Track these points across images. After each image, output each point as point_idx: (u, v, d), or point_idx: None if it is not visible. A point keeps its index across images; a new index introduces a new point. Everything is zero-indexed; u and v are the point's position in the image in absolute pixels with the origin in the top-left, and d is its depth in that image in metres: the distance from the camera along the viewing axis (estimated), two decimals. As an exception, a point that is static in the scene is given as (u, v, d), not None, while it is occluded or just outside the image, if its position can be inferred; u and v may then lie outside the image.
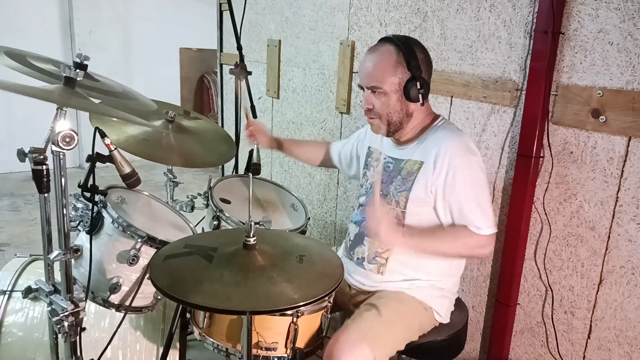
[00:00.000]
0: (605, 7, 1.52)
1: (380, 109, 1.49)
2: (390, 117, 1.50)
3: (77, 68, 1.20)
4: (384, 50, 1.47)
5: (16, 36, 4.79)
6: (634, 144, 1.51)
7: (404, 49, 1.45)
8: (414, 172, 1.50)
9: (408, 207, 1.50)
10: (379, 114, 1.50)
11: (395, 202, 1.52)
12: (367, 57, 1.51)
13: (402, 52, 1.45)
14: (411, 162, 1.52)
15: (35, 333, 1.62)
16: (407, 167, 1.52)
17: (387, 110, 1.49)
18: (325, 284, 1.15)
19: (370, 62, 1.49)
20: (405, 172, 1.52)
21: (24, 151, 1.16)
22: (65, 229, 1.23)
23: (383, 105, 1.49)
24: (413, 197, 1.49)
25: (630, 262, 1.56)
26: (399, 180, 1.52)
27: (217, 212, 1.68)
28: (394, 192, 1.53)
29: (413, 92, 1.45)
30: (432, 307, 1.54)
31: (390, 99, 1.47)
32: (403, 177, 1.52)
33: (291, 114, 2.97)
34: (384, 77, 1.45)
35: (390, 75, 1.45)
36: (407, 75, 1.45)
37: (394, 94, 1.47)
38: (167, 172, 2.16)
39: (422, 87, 1.46)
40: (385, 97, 1.47)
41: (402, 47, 1.45)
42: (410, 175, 1.50)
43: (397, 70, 1.45)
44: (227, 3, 2.40)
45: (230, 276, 1.13)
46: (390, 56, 1.45)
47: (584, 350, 1.71)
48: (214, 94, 5.99)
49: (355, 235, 1.63)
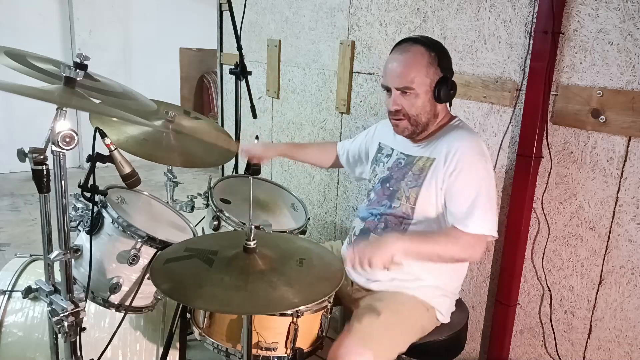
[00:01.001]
0: (605, 7, 1.52)
1: (410, 110, 1.49)
2: (420, 118, 1.50)
3: (77, 68, 1.20)
4: (415, 51, 1.47)
5: (16, 36, 4.78)
6: (634, 144, 1.51)
7: (436, 50, 1.47)
8: (425, 169, 1.50)
9: (418, 203, 1.50)
10: (408, 115, 1.49)
11: (405, 198, 1.52)
12: (396, 57, 1.49)
13: (434, 52, 1.46)
14: (424, 159, 1.52)
15: (35, 333, 1.62)
16: (419, 164, 1.52)
17: (416, 111, 1.49)
18: (325, 287, 1.15)
19: (400, 62, 1.48)
20: (417, 169, 1.52)
21: (24, 151, 1.16)
22: (65, 229, 1.23)
23: (413, 107, 1.48)
24: (424, 193, 1.49)
25: (630, 262, 1.56)
26: (410, 177, 1.52)
27: (217, 212, 1.68)
28: (404, 188, 1.53)
29: (444, 93, 1.47)
30: (434, 307, 1.54)
31: (420, 100, 1.47)
32: (414, 174, 1.52)
33: (291, 114, 2.97)
34: (416, 78, 1.45)
35: (423, 76, 1.45)
36: (437, 76, 1.46)
37: (425, 94, 1.47)
38: (167, 172, 2.16)
39: (452, 88, 1.48)
40: (416, 98, 1.47)
41: (433, 47, 1.47)
42: (422, 172, 1.50)
43: (429, 70, 1.46)
44: (227, 3, 2.40)
45: (231, 280, 1.13)
46: (423, 57, 1.46)
47: (583, 351, 1.70)
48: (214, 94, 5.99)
49: (360, 231, 1.62)
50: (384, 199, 1.58)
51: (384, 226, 1.55)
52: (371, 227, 1.58)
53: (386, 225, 1.55)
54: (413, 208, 1.50)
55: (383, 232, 1.55)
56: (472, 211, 1.42)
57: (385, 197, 1.58)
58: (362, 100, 2.44)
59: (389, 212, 1.55)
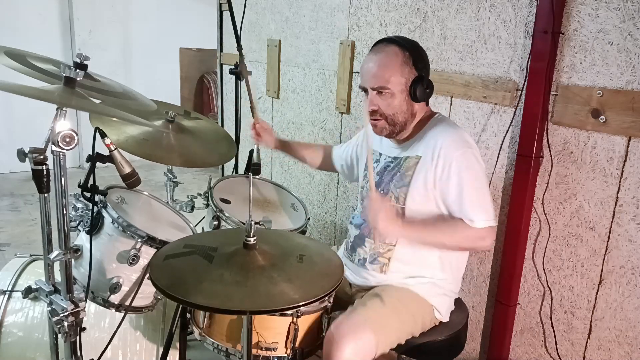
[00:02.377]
0: (605, 7, 1.52)
1: (386, 109, 1.49)
2: (397, 118, 1.50)
3: (77, 68, 1.20)
4: (389, 51, 1.47)
5: (16, 36, 4.78)
6: (634, 144, 1.51)
7: (410, 49, 1.47)
8: (412, 167, 1.50)
9: (407, 203, 1.50)
10: (385, 115, 1.49)
11: (394, 199, 1.52)
12: (371, 57, 1.50)
13: (408, 51, 1.46)
14: (409, 158, 1.52)
15: (35, 333, 1.62)
16: (405, 164, 1.52)
17: (393, 110, 1.49)
18: (325, 283, 1.15)
19: (375, 62, 1.48)
20: (404, 169, 1.52)
21: (24, 151, 1.16)
22: (65, 229, 1.23)
23: (389, 106, 1.48)
24: (412, 192, 1.49)
25: (630, 262, 1.56)
26: (398, 177, 1.52)
27: (217, 212, 1.68)
28: (393, 189, 1.53)
29: (420, 91, 1.47)
30: (433, 305, 1.54)
31: (396, 100, 1.47)
32: (402, 174, 1.52)
33: (291, 114, 2.97)
34: (391, 78, 1.45)
35: (398, 75, 1.45)
36: (413, 75, 1.46)
37: (401, 94, 1.47)
38: (167, 172, 2.16)
39: (428, 86, 1.47)
40: (392, 98, 1.47)
41: (407, 47, 1.47)
42: (408, 171, 1.50)
43: (403, 70, 1.46)
44: (227, 3, 2.39)
45: (231, 276, 1.13)
46: (397, 56, 1.46)
47: (584, 351, 1.71)
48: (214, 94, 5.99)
49: (355, 237, 1.63)
50: None
51: None
52: (365, 232, 1.59)
53: None
54: (403, 208, 1.51)
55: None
56: (478, 204, 1.43)
57: None
58: (362, 100, 2.44)
59: None
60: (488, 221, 1.43)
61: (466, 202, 1.43)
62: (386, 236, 1.50)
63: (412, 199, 1.49)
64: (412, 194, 1.49)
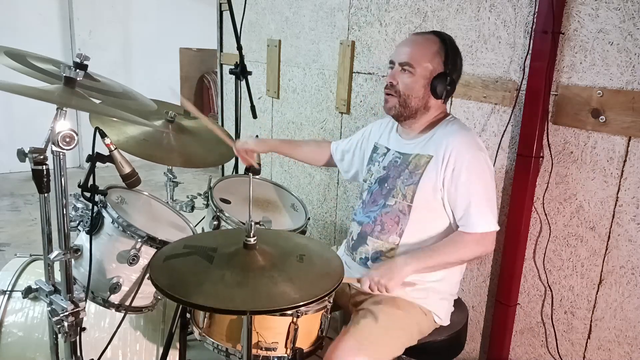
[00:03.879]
0: (605, 7, 1.52)
1: (403, 88, 1.51)
2: (410, 100, 1.51)
3: (77, 68, 1.20)
4: (429, 37, 1.52)
5: (16, 36, 4.78)
6: (634, 144, 1.51)
7: (449, 47, 1.50)
8: (422, 166, 1.50)
9: (415, 200, 1.49)
10: (400, 92, 1.51)
11: (401, 196, 1.52)
12: (411, 37, 1.56)
13: (445, 46, 1.49)
14: (419, 156, 1.52)
15: (35, 333, 1.62)
16: (414, 161, 1.52)
17: (409, 91, 1.50)
18: (326, 283, 1.15)
19: (412, 41, 1.54)
20: (412, 166, 1.52)
21: (24, 151, 1.16)
22: (65, 229, 1.24)
23: (406, 86, 1.50)
24: (421, 190, 1.49)
25: (630, 262, 1.56)
26: (407, 174, 1.52)
27: (217, 212, 1.68)
28: (400, 186, 1.52)
29: (440, 86, 1.49)
30: (431, 311, 1.53)
31: (416, 82, 1.49)
32: (410, 171, 1.52)
33: (291, 114, 2.97)
34: (420, 59, 1.49)
35: (426, 61, 1.48)
36: (440, 68, 1.49)
37: (422, 79, 1.49)
38: (167, 172, 2.16)
39: (450, 85, 1.50)
40: (412, 78, 1.49)
41: (447, 43, 1.50)
42: (417, 169, 1.50)
43: (434, 59, 1.49)
44: (227, 3, 2.40)
45: (232, 276, 1.13)
46: (434, 44, 1.50)
47: (584, 351, 1.71)
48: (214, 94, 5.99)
49: (357, 235, 1.62)
50: (379, 198, 1.57)
51: (381, 229, 1.55)
52: (368, 230, 1.58)
53: (382, 227, 1.54)
54: (410, 206, 1.50)
55: (380, 235, 1.55)
56: (478, 211, 1.43)
57: (381, 196, 1.57)
58: (362, 100, 2.44)
59: (384, 212, 1.55)
60: (489, 226, 1.44)
61: (472, 206, 1.43)
62: (394, 283, 1.46)
63: (419, 197, 1.49)
64: (420, 192, 1.49)
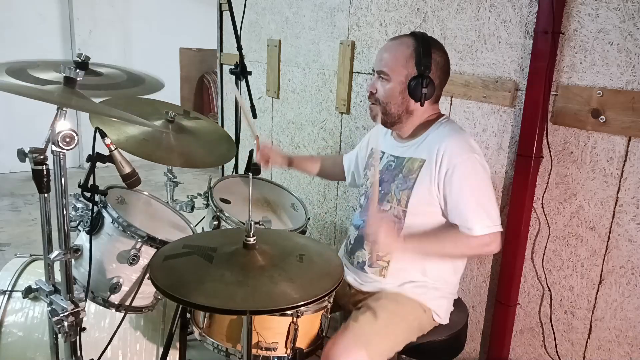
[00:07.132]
0: (605, 7, 1.52)
1: (381, 95, 1.51)
2: (389, 107, 1.51)
3: (78, 67, 1.20)
4: (403, 41, 1.50)
5: (16, 36, 4.78)
6: (634, 144, 1.51)
7: (421, 47, 1.46)
8: (415, 170, 1.49)
9: (409, 205, 1.49)
10: (379, 100, 1.52)
11: (396, 201, 1.51)
12: (387, 43, 1.55)
13: (421, 48, 1.46)
14: (413, 160, 1.51)
15: (35, 333, 1.62)
16: (408, 165, 1.52)
17: (387, 98, 1.50)
18: (326, 283, 1.15)
19: (387, 48, 1.53)
20: (406, 170, 1.51)
21: (24, 151, 1.16)
22: (65, 229, 1.24)
23: (384, 93, 1.50)
24: (415, 195, 1.48)
25: (630, 262, 1.56)
26: (401, 179, 1.52)
27: (217, 212, 1.68)
28: (395, 191, 1.52)
29: (416, 90, 1.46)
30: (431, 309, 1.53)
31: (392, 89, 1.49)
32: (404, 175, 1.51)
33: (291, 114, 2.97)
34: (394, 66, 1.48)
35: (400, 66, 1.47)
36: (414, 71, 1.47)
37: (398, 85, 1.48)
38: (167, 172, 2.16)
39: (426, 87, 1.46)
40: (388, 85, 1.49)
41: (420, 43, 1.47)
42: (411, 173, 1.50)
43: (408, 62, 1.47)
44: (227, 3, 2.40)
45: (232, 276, 1.13)
46: (407, 48, 1.47)
47: (583, 351, 1.71)
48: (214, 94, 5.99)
49: (355, 239, 1.62)
50: None
51: None
52: (365, 235, 1.58)
53: None
54: (405, 210, 1.50)
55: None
56: (482, 211, 1.42)
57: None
58: (362, 100, 2.44)
59: None
60: (489, 227, 1.42)
61: (465, 210, 1.42)
62: (387, 251, 1.50)
63: (414, 203, 1.48)
64: (414, 197, 1.48)
